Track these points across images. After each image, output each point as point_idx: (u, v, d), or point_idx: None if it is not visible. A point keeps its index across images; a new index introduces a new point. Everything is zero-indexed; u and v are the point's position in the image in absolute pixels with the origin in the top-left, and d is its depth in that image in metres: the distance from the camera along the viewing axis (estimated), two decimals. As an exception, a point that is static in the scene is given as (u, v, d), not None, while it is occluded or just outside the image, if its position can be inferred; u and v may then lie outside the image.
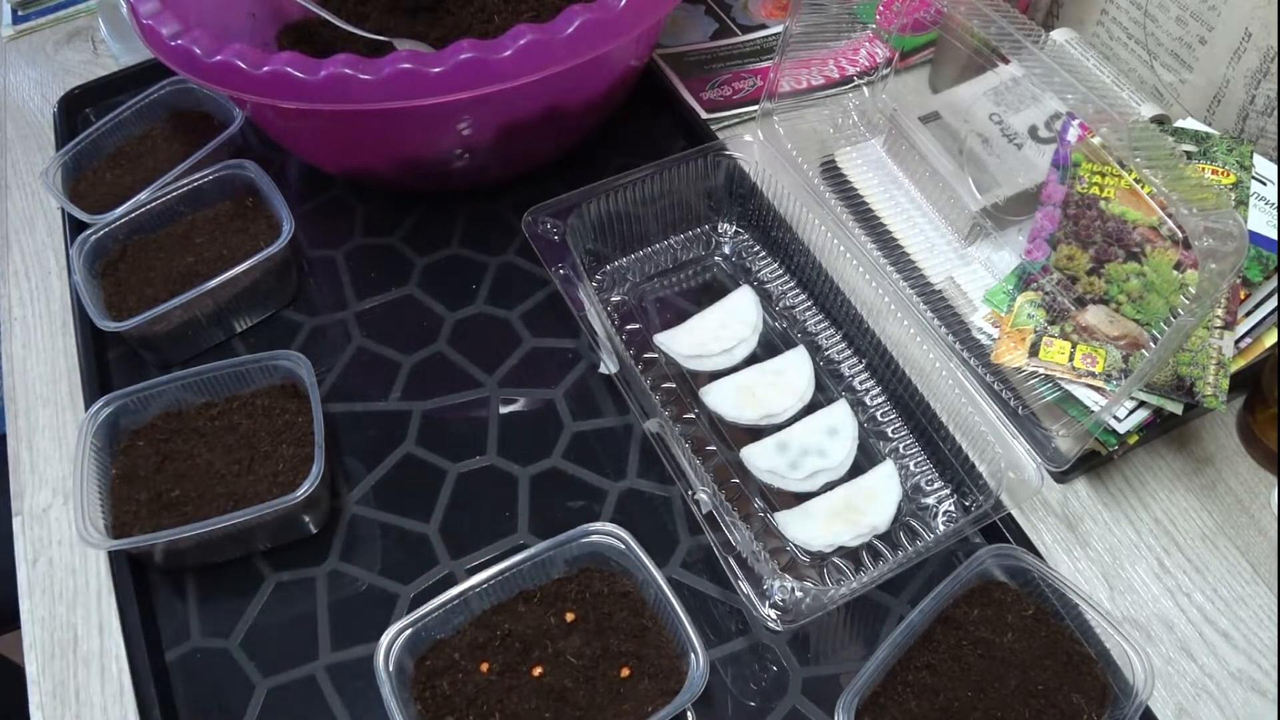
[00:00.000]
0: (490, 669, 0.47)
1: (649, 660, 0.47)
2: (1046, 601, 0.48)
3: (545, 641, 0.48)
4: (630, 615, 0.48)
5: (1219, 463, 0.56)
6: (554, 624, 0.48)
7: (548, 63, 0.55)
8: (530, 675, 0.47)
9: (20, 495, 0.58)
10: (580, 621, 0.48)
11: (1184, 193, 0.44)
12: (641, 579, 0.48)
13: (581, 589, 0.49)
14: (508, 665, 0.47)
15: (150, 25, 0.57)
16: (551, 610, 0.49)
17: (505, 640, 0.48)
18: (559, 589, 0.49)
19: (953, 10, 0.53)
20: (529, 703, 0.46)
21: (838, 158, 0.70)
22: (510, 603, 0.49)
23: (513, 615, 0.48)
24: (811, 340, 0.61)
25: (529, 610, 0.49)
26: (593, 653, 0.47)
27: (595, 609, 0.49)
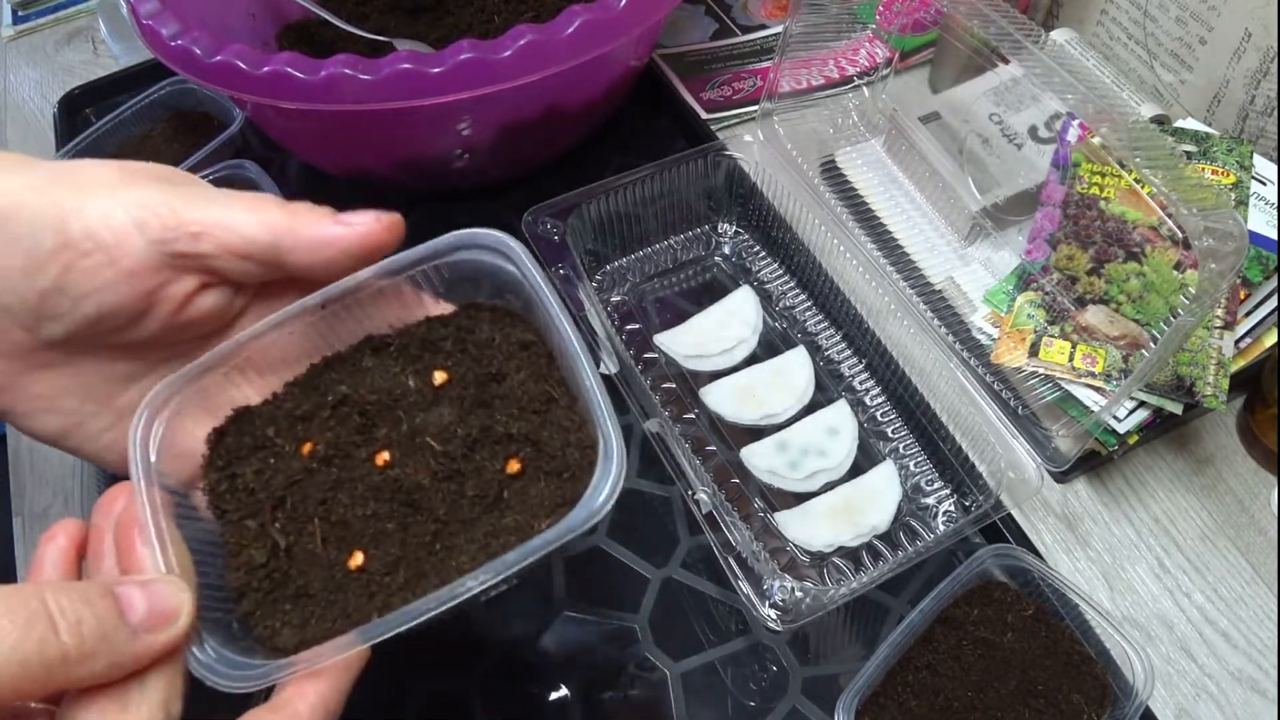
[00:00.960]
0: (314, 451, 0.33)
1: (549, 449, 0.33)
2: (1046, 601, 0.48)
3: (398, 414, 0.33)
4: (530, 378, 0.33)
5: (1219, 463, 0.56)
6: (414, 388, 0.33)
7: (548, 63, 0.55)
8: (372, 463, 0.32)
9: (20, 495, 0.58)
10: (454, 385, 0.33)
11: (1184, 193, 0.44)
12: (544, 321, 0.33)
13: (462, 334, 0.35)
14: (339, 448, 0.33)
15: (150, 25, 0.57)
16: (413, 366, 0.34)
17: (338, 410, 0.33)
18: (427, 334, 0.35)
19: (953, 10, 0.53)
20: (364, 506, 0.32)
21: (838, 158, 0.70)
22: (351, 354, 0.34)
23: (354, 372, 0.34)
24: (811, 340, 0.61)
25: (379, 365, 0.34)
26: (467, 434, 0.32)
27: (479, 365, 0.34)
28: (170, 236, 0.31)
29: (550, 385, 0.33)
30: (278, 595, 0.31)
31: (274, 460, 0.33)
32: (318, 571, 0.31)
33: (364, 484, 0.32)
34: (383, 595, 0.31)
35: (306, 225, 0.32)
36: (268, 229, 0.32)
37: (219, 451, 0.33)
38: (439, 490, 0.32)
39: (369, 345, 0.35)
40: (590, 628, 0.51)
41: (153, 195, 0.31)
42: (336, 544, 0.32)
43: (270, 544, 0.32)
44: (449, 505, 0.32)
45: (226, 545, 0.32)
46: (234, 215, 0.31)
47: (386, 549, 0.31)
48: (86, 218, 0.31)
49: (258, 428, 0.33)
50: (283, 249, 0.32)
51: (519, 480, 0.32)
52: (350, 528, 0.32)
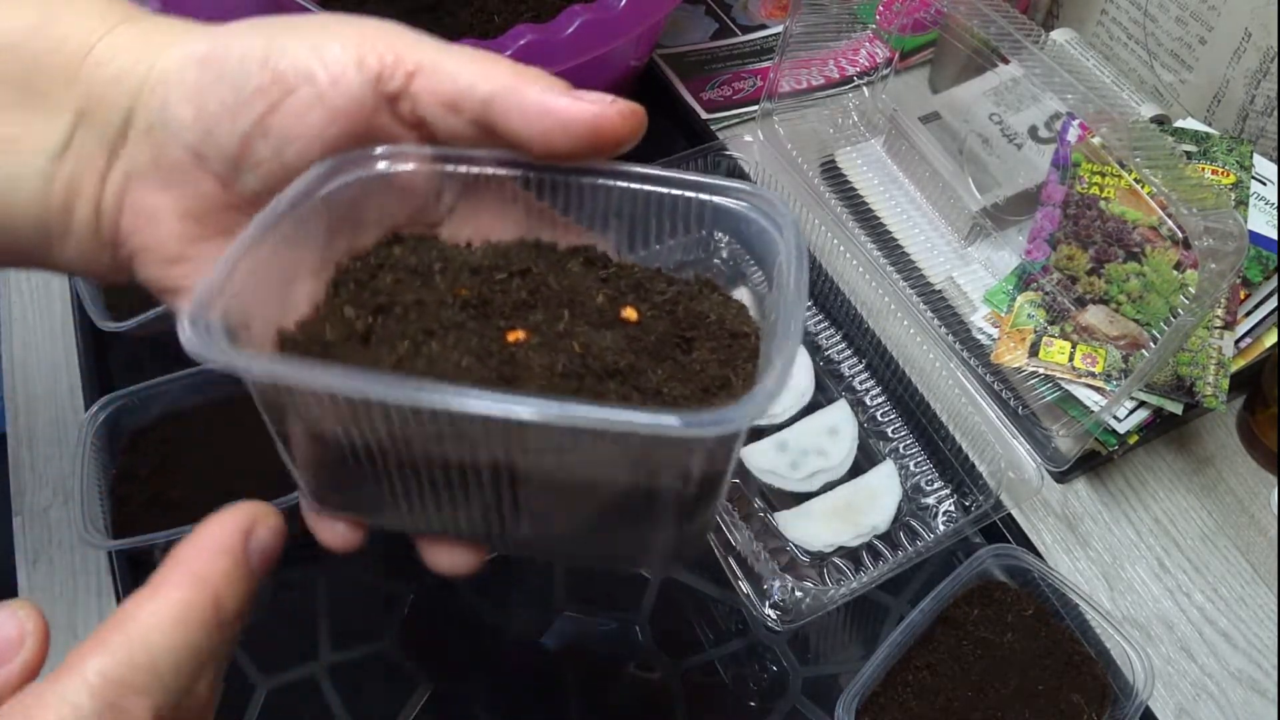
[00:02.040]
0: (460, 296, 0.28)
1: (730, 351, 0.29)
2: (1046, 601, 0.48)
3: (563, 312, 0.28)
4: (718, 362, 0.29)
5: (1219, 463, 0.56)
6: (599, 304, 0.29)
7: (548, 63, 0.55)
8: (503, 335, 0.27)
9: (20, 495, 0.58)
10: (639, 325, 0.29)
11: (1184, 193, 0.44)
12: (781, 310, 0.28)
13: (679, 297, 0.31)
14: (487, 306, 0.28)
15: (150, 25, 0.57)
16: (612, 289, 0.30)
17: (514, 279, 0.29)
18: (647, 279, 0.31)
19: (953, 10, 0.53)
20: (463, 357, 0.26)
21: (838, 158, 0.70)
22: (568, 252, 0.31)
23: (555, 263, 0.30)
24: (811, 340, 0.61)
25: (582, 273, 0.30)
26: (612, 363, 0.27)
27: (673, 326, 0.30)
28: (388, 74, 0.29)
29: (734, 373, 0.28)
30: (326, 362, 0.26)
31: (420, 284, 0.28)
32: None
33: (480, 342, 0.27)
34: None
35: (532, 89, 0.29)
36: (488, 80, 0.29)
37: (381, 251, 0.30)
38: (543, 380, 0.26)
39: (585, 254, 0.31)
40: (590, 628, 0.51)
41: (373, 31, 0.29)
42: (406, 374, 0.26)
43: (347, 330, 0.27)
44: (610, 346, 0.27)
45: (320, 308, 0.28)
46: (456, 60, 0.29)
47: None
48: (297, 51, 0.28)
49: (431, 256, 0.29)
50: (498, 108, 0.29)
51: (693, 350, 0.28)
52: (433, 367, 0.26)
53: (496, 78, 0.29)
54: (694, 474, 0.26)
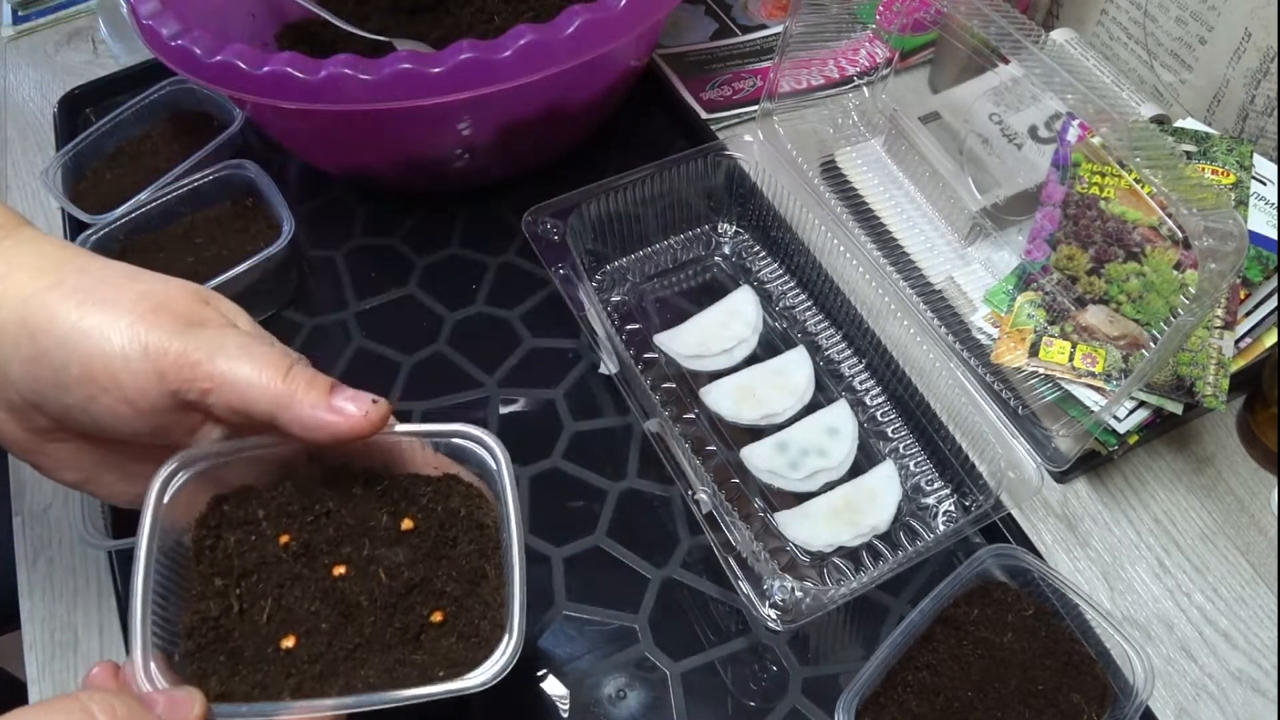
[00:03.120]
0: (289, 544, 0.38)
1: (470, 614, 0.39)
2: (1046, 601, 0.48)
3: (363, 541, 0.39)
4: (476, 553, 0.39)
5: (1219, 463, 0.56)
6: (384, 524, 0.39)
7: (548, 63, 0.55)
8: (329, 570, 0.38)
9: (20, 495, 0.58)
10: (416, 534, 0.39)
11: (1184, 193, 0.44)
12: (502, 514, 0.40)
13: (437, 498, 0.41)
14: (309, 549, 0.38)
15: (150, 25, 0.57)
16: (389, 508, 0.40)
17: (319, 520, 0.39)
18: (411, 485, 0.40)
19: (953, 10, 0.53)
20: (311, 602, 0.37)
21: (838, 158, 0.70)
22: (349, 478, 0.40)
23: (344, 495, 0.39)
24: (811, 340, 0.61)
25: (365, 496, 0.40)
26: (410, 577, 0.38)
27: (441, 528, 0.40)
28: (184, 388, 0.35)
29: (489, 564, 0.39)
30: (218, 647, 0.37)
31: (255, 538, 0.38)
32: (255, 640, 0.37)
33: (317, 585, 0.38)
34: (297, 678, 0.36)
35: (303, 405, 0.36)
36: (269, 399, 0.36)
37: (215, 513, 0.39)
38: (373, 613, 0.38)
39: (364, 476, 0.40)
40: (590, 628, 0.51)
41: (175, 343, 0.35)
42: (278, 624, 0.37)
43: (226, 604, 0.37)
44: (375, 628, 0.37)
45: (191, 590, 0.37)
46: (242, 375, 0.35)
47: (315, 642, 0.37)
48: (110, 358, 0.34)
49: (253, 507, 0.39)
50: (279, 419, 0.36)
51: (438, 630, 0.38)
52: (292, 615, 0.37)
53: (276, 394, 0.35)
54: None
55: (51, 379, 0.35)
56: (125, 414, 0.35)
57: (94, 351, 0.34)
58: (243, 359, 0.36)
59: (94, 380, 0.35)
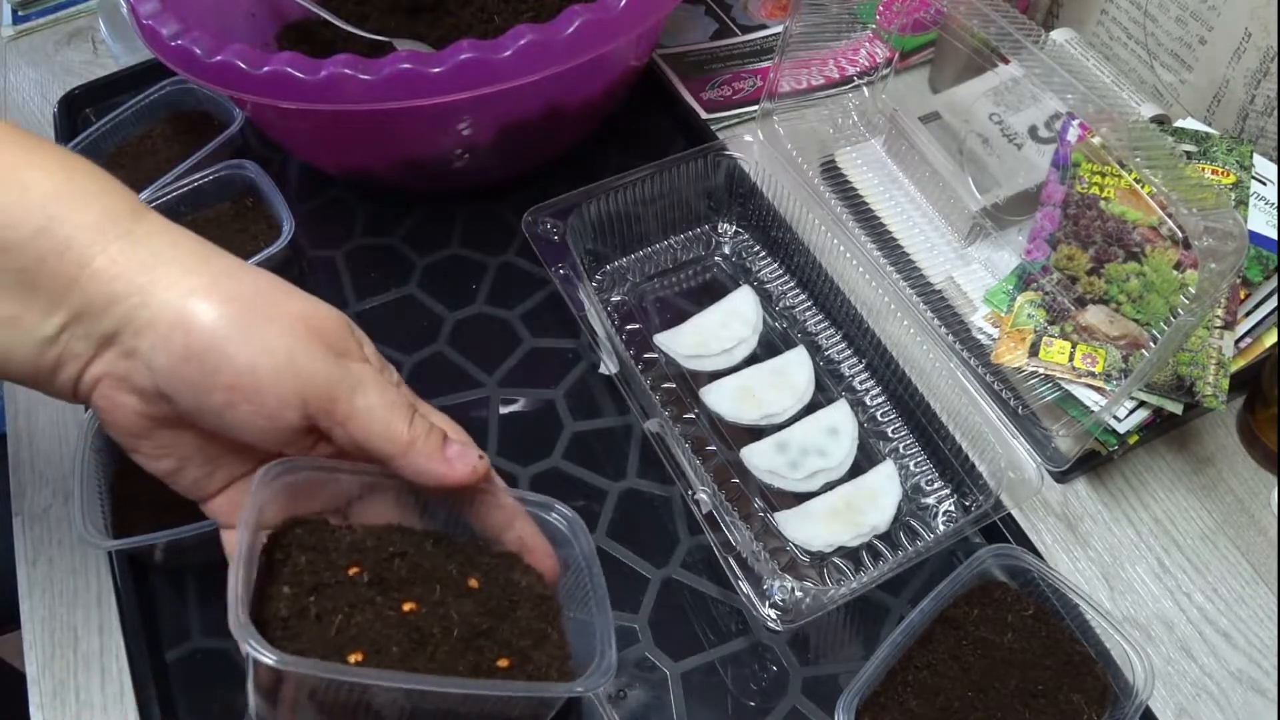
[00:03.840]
0: (359, 575, 0.38)
1: (536, 664, 0.40)
2: (1046, 601, 0.48)
3: (435, 585, 0.39)
4: (536, 618, 0.41)
5: (1219, 463, 0.56)
6: (454, 576, 0.40)
7: (548, 63, 0.55)
8: (400, 605, 0.38)
9: (20, 495, 0.58)
10: (480, 593, 0.40)
11: (1184, 193, 0.44)
12: (577, 583, 0.43)
13: (498, 567, 0.42)
14: (381, 581, 0.39)
15: (150, 25, 0.57)
16: (456, 564, 0.41)
17: (392, 560, 0.39)
18: (473, 553, 0.42)
19: (953, 10, 0.53)
20: (385, 628, 0.37)
21: (838, 158, 0.70)
22: (420, 536, 0.41)
23: (416, 546, 0.41)
24: (811, 340, 0.61)
25: (436, 552, 0.41)
26: (478, 625, 0.39)
27: (503, 591, 0.41)
28: (322, 417, 0.37)
29: (551, 628, 0.41)
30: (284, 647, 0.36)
31: (325, 562, 0.38)
32: (322, 648, 0.36)
33: (389, 613, 0.38)
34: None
35: (420, 455, 0.38)
36: (393, 444, 0.38)
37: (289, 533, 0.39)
38: (445, 644, 0.38)
39: (436, 536, 0.42)
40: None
41: (322, 371, 0.37)
42: (348, 638, 0.36)
43: (299, 608, 0.37)
44: (446, 659, 0.37)
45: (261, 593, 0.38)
46: (376, 417, 0.38)
47: (384, 662, 0.36)
48: (264, 373, 0.35)
49: (326, 535, 0.39)
50: (395, 463, 0.38)
51: (505, 674, 0.39)
52: (363, 634, 0.37)
53: (396, 440, 0.38)
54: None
55: (198, 380, 0.35)
56: (258, 425, 0.36)
57: (251, 364, 0.35)
58: (378, 401, 0.38)
59: (241, 390, 0.35)
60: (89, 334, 0.36)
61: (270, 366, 0.36)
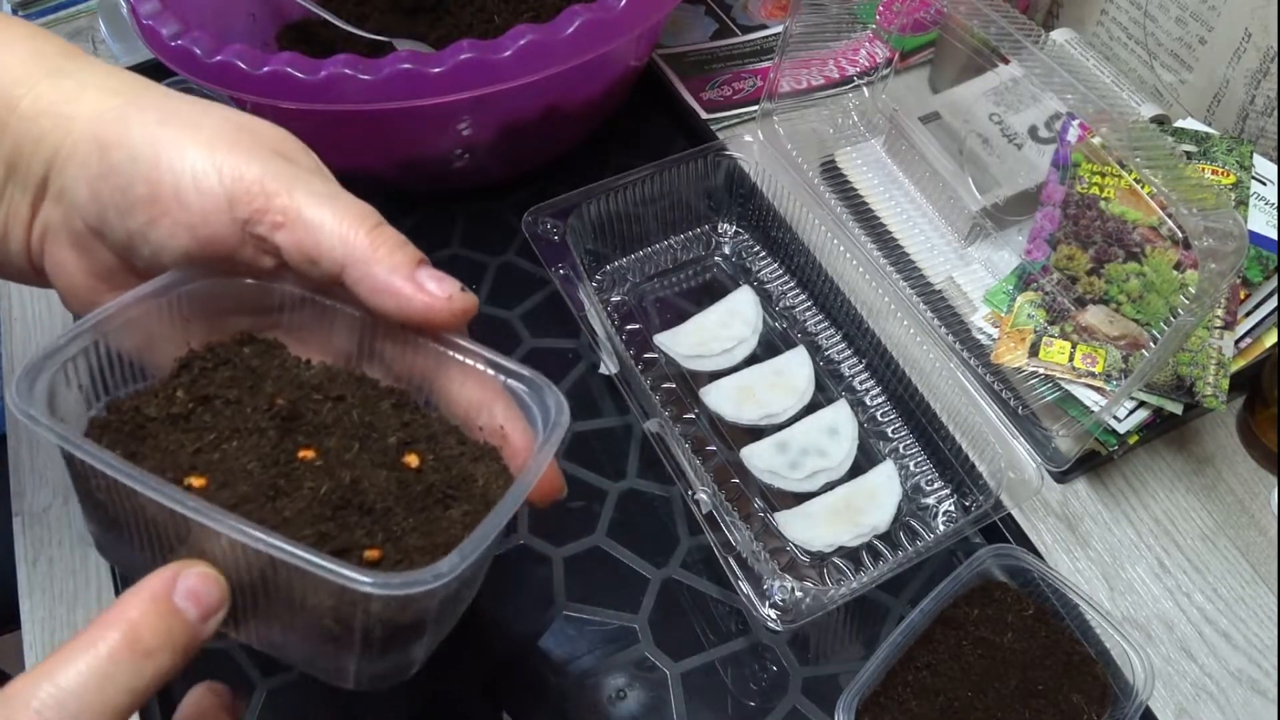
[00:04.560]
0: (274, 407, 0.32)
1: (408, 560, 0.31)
2: (1046, 601, 0.48)
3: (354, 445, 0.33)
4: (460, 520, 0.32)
5: (1219, 463, 0.56)
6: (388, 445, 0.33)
7: (548, 63, 0.55)
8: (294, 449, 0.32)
9: (20, 495, 0.58)
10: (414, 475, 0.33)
11: (1184, 193, 0.44)
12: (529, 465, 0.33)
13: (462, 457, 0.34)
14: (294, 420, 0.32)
15: (150, 25, 0.57)
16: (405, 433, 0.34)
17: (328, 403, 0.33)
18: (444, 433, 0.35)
19: (953, 10, 0.53)
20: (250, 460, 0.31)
21: (838, 158, 0.70)
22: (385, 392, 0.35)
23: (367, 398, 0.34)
24: (811, 340, 0.61)
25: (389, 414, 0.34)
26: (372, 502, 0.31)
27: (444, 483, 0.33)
28: (255, 218, 0.31)
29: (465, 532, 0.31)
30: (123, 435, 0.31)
31: (249, 383, 0.33)
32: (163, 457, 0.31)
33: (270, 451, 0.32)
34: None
35: (381, 265, 0.32)
36: (345, 249, 0.31)
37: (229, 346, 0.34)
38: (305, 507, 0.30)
39: (399, 397, 0.35)
40: (590, 628, 0.51)
41: (254, 168, 0.31)
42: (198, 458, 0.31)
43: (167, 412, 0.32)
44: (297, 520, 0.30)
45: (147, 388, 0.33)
46: (321, 218, 0.31)
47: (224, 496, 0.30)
48: (179, 174, 0.31)
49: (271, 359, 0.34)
50: (349, 274, 0.32)
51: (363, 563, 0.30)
52: (221, 461, 0.31)
53: (353, 245, 0.31)
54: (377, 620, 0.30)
55: (117, 199, 0.32)
56: (185, 241, 0.32)
57: (163, 167, 0.31)
58: (325, 202, 0.31)
59: (159, 200, 0.31)
60: (25, 184, 0.33)
61: (187, 167, 0.31)
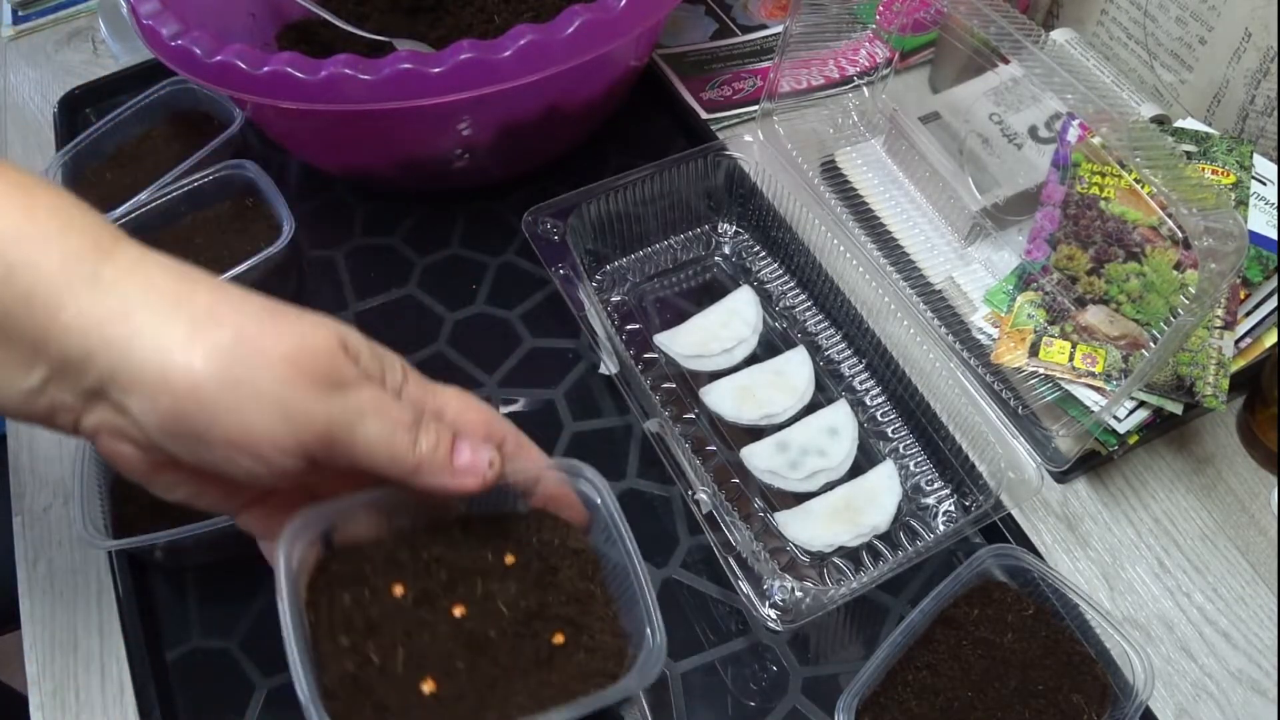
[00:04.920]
0: (405, 594, 0.39)
1: (589, 631, 0.41)
2: (1046, 601, 0.48)
3: (475, 579, 0.40)
4: (577, 576, 0.42)
5: (1219, 463, 0.56)
6: (490, 562, 0.41)
7: (548, 63, 0.55)
8: (449, 613, 0.39)
9: (20, 495, 0.58)
10: (520, 568, 0.41)
11: (1184, 193, 0.44)
12: (605, 538, 0.43)
13: (531, 531, 0.42)
14: (426, 594, 0.39)
15: (150, 25, 0.57)
16: (490, 546, 0.41)
17: (430, 566, 0.40)
18: (505, 524, 0.42)
19: (953, 10, 0.53)
20: (443, 644, 0.38)
21: (838, 158, 0.70)
22: (448, 526, 0.42)
23: (446, 540, 0.41)
24: (811, 340, 0.61)
25: (466, 540, 0.41)
26: (527, 606, 0.40)
27: (540, 558, 0.42)
28: (325, 458, 0.36)
29: (593, 584, 0.41)
30: (362, 703, 0.37)
31: (369, 593, 0.39)
32: (397, 690, 0.37)
33: (443, 627, 0.39)
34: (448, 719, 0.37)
35: (427, 474, 0.37)
36: (398, 468, 0.37)
37: (324, 574, 0.39)
38: (502, 644, 0.39)
39: (462, 521, 0.41)
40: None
41: (319, 412, 0.35)
42: (415, 670, 0.37)
43: (360, 659, 0.37)
44: (508, 657, 0.38)
45: (320, 651, 0.38)
46: (375, 449, 0.36)
47: (454, 681, 0.37)
48: (254, 430, 0.34)
49: (360, 564, 0.39)
50: (405, 485, 0.38)
51: (563, 651, 0.39)
52: (426, 659, 0.38)
53: (405, 466, 0.37)
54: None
55: (193, 438, 0.34)
56: (263, 473, 0.35)
57: (242, 423, 0.34)
58: (379, 430, 0.36)
59: (236, 445, 0.34)
60: (74, 388, 0.34)
61: (262, 422, 0.34)
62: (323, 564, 0.39)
